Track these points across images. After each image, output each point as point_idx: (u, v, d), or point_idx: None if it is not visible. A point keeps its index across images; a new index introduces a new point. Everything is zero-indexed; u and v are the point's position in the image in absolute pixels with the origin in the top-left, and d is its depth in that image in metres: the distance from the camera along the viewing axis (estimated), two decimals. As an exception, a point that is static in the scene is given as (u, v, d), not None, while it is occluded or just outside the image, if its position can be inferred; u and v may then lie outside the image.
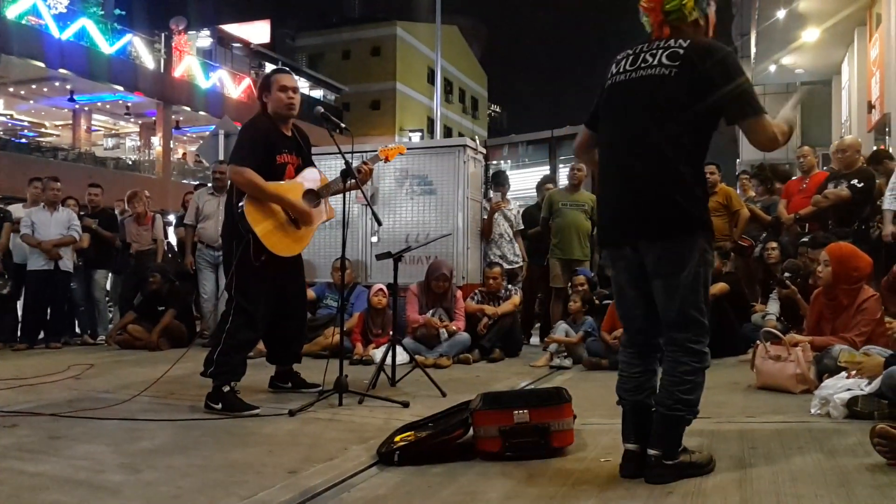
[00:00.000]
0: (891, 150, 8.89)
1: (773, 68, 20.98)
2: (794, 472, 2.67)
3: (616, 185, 2.74)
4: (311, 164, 4.56)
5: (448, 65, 34.45)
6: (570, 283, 6.80)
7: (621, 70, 2.75)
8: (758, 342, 4.50)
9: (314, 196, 4.39)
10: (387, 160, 4.81)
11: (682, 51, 2.58)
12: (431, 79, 22.31)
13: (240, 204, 4.14)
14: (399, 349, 5.07)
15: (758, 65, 21.30)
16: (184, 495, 2.60)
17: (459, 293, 6.54)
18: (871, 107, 16.29)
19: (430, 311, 6.32)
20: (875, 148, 9.80)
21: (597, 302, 6.49)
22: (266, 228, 4.16)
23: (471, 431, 3.15)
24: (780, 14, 16.57)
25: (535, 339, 7.68)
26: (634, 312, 2.81)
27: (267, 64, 29.19)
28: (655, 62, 2.63)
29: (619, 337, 5.55)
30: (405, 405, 4.11)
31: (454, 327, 6.24)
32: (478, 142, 7.49)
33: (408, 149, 7.26)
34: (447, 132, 33.85)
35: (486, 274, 6.81)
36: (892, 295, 4.53)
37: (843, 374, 3.68)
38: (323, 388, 4.34)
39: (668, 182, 2.56)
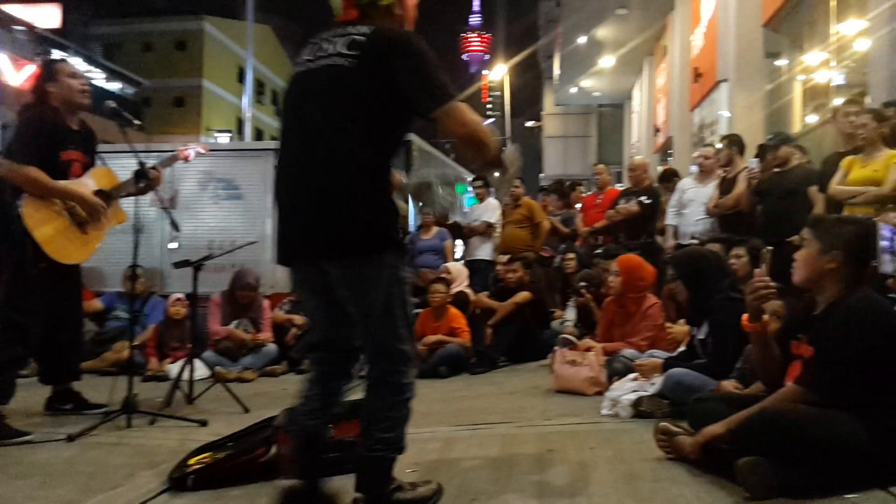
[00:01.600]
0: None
1: (574, 90, 22.54)
2: (587, 471, 2.80)
3: (291, 194, 2.35)
4: (101, 162, 4.15)
5: (260, 65, 33.35)
6: None
7: (301, 60, 2.38)
8: (556, 347, 4.73)
9: (105, 197, 3.98)
10: (186, 160, 4.49)
11: (362, 38, 2.22)
12: (242, 78, 21.43)
13: (17, 204, 3.66)
14: (199, 363, 4.75)
15: (561, 86, 22.82)
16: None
17: (267, 303, 6.29)
18: (657, 130, 18.02)
19: (234, 323, 6.00)
20: (662, 168, 10.78)
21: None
22: (47, 233, 3.72)
23: (274, 449, 2.99)
24: (581, 40, 17.84)
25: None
26: (321, 326, 2.48)
27: (55, 51, 26.57)
28: (333, 51, 2.25)
29: (429, 343, 5.69)
30: (203, 424, 3.85)
31: (260, 338, 5.98)
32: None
33: (213, 150, 6.85)
34: (258, 135, 32.71)
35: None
36: (672, 303, 4.95)
37: (631, 375, 3.95)
38: (109, 409, 3.94)
39: (347, 192, 2.18)
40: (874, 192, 4.35)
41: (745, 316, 2.70)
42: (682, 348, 4.13)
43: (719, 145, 6.47)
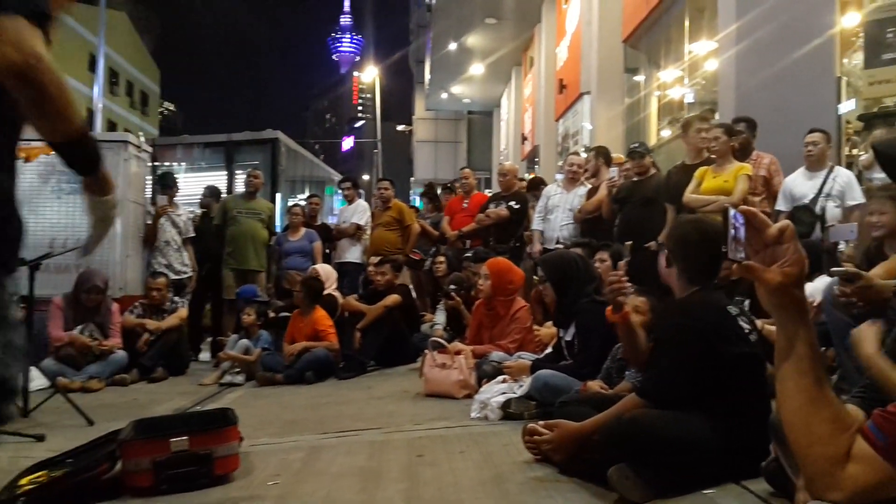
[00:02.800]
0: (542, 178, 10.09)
1: (444, 96, 22.81)
2: (457, 476, 2.75)
3: None
4: None
5: (114, 53, 31.33)
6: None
7: None
8: (426, 351, 4.68)
9: None
10: (27, 160, 4.05)
11: None
12: (93, 66, 20.00)
13: None
14: (36, 372, 4.31)
15: (432, 91, 23.02)
16: None
17: (116, 306, 5.83)
18: (524, 138, 18.56)
19: (79, 328, 5.52)
20: (530, 176, 11.07)
21: (272, 315, 6.28)
22: None
23: (119, 465, 2.74)
24: (452, 47, 18.07)
25: (204, 355, 7.16)
26: None
27: None
28: None
29: (294, 351, 5.48)
30: (39, 439, 3.52)
31: (108, 345, 5.54)
32: (143, 139, 6.82)
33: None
34: (111, 126, 30.68)
35: (148, 285, 6.17)
36: (540, 305, 5.04)
37: (499, 378, 3.96)
38: None
39: None
40: (724, 200, 4.64)
41: (608, 308, 2.81)
42: (549, 350, 4.19)
43: (584, 155, 6.71)
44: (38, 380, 4.45)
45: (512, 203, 7.05)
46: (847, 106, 6.73)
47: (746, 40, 6.55)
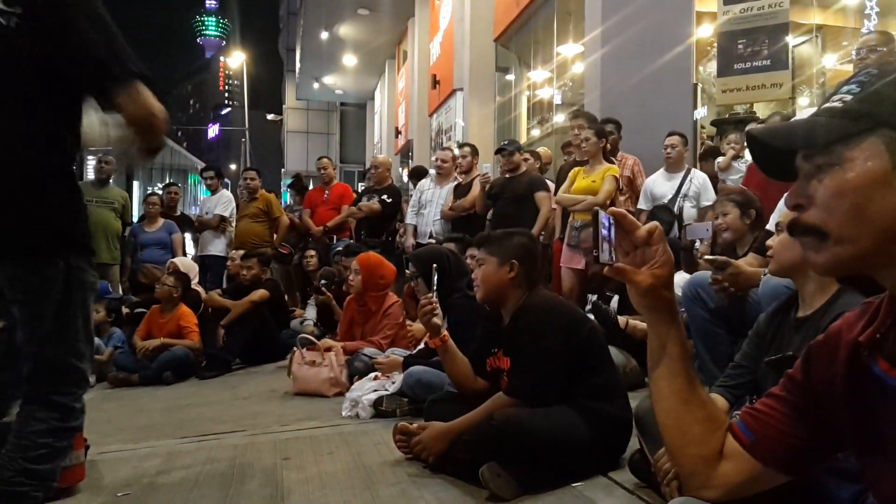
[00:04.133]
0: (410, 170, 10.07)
1: (316, 86, 22.35)
2: (325, 479, 2.65)
3: None
4: None
5: None
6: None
7: None
8: (295, 348, 4.53)
9: None
10: None
11: None
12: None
13: None
14: None
15: (302, 80, 22.50)
16: None
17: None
18: (398, 132, 18.51)
19: None
20: (412, 167, 11.02)
21: (126, 311, 5.88)
22: None
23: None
24: (324, 35, 17.72)
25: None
26: None
27: None
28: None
29: (152, 349, 5.15)
30: None
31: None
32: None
33: None
34: None
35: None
36: (413, 301, 5.00)
37: (371, 375, 3.88)
38: None
39: (9, 179, 1.82)
40: (590, 200, 4.81)
41: (426, 335, 2.80)
42: (421, 346, 4.16)
43: (457, 151, 6.73)
44: None
45: (384, 197, 6.99)
46: (701, 112, 7.17)
47: (610, 45, 6.81)
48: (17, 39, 1.79)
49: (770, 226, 3.17)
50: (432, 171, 7.06)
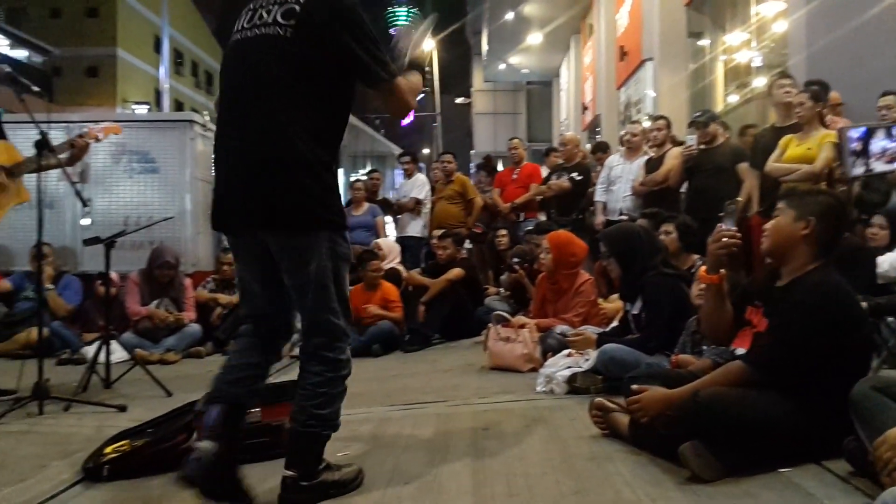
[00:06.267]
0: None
1: (502, 66, 22.51)
2: (523, 450, 2.76)
3: (228, 162, 2.29)
4: (2, 135, 3.86)
5: (178, 34, 31.96)
6: None
7: (239, 28, 2.33)
8: (490, 324, 4.69)
9: (6, 174, 3.70)
10: (97, 140, 4.18)
11: (297, 7, 2.20)
12: (159, 47, 20.48)
13: None
14: (116, 345, 4.51)
15: (489, 62, 22.76)
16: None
17: (188, 281, 6.03)
18: (584, 108, 18.19)
19: (155, 303, 5.74)
20: (596, 141, 10.86)
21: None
22: None
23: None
24: (509, 16, 17.76)
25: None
26: (260, 300, 2.40)
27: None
28: (270, 19, 2.23)
29: (368, 316, 5.56)
30: (122, 409, 3.66)
31: (183, 318, 5.74)
32: (208, 118, 6.97)
33: (127, 122, 6.49)
34: (178, 106, 31.48)
35: (219, 260, 6.36)
36: (604, 279, 4.98)
37: (565, 352, 3.94)
38: (19, 395, 3.68)
39: (284, 166, 2.16)
40: (806, 169, 4.44)
41: (702, 268, 2.69)
42: (615, 324, 4.15)
43: (646, 123, 6.54)
44: (118, 352, 4.64)
45: (574, 174, 6.96)
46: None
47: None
48: (289, 47, 2.18)
49: None
50: (622, 146, 6.90)
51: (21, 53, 29.07)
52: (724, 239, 2.57)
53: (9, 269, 6.25)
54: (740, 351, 2.58)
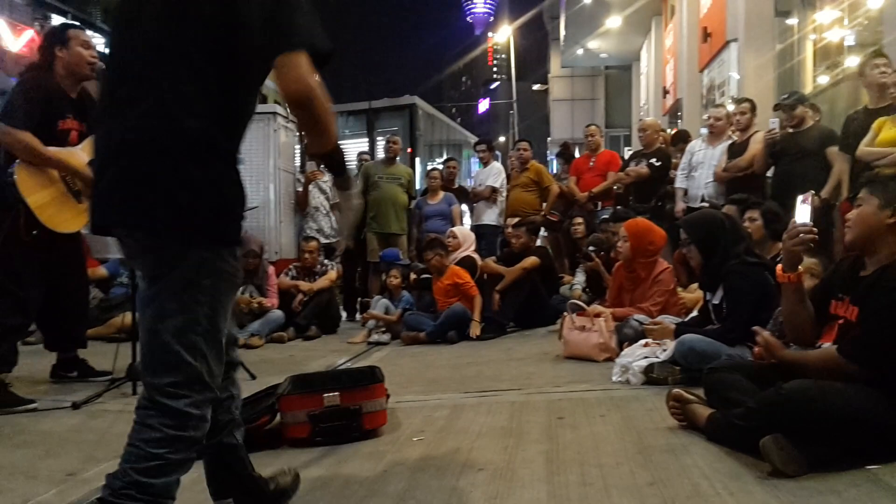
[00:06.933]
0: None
1: (580, 52, 22.15)
2: (597, 440, 2.74)
3: (103, 143, 1.77)
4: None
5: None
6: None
7: None
8: (565, 313, 4.66)
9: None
10: None
11: None
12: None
13: (10, 170, 3.58)
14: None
15: (567, 48, 22.44)
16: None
17: (272, 269, 6.24)
18: (665, 92, 17.71)
19: (240, 289, 5.96)
20: (673, 130, 10.60)
21: (413, 277, 6.46)
22: (41, 200, 3.65)
23: (278, 417, 2.96)
24: (587, 0, 17.47)
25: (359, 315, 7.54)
26: None
27: (54, 16, 26.15)
28: None
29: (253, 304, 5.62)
30: (209, 391, 3.80)
31: (267, 304, 5.95)
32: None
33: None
34: (261, 99, 32.36)
35: (301, 248, 6.55)
36: (684, 267, 4.86)
37: (641, 342, 3.88)
38: (114, 376, 3.91)
39: (161, 147, 1.65)
40: (898, 153, 4.22)
41: (778, 266, 2.60)
42: (694, 313, 4.05)
43: (730, 107, 6.32)
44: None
45: (653, 160, 6.81)
46: None
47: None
48: (183, 3, 1.69)
49: None
50: (703, 131, 6.71)
51: (115, 51, 30.51)
52: (801, 235, 2.48)
53: (105, 257, 6.61)
54: (827, 346, 2.49)
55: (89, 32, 4.18)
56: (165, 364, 1.65)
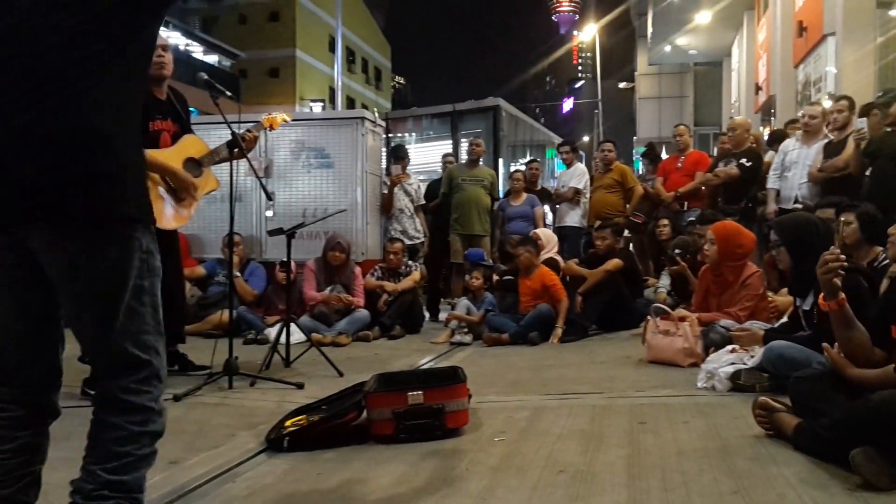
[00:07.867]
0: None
1: (668, 49, 21.67)
2: (680, 446, 2.72)
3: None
4: (190, 130, 4.25)
5: (350, 33, 33.70)
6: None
7: None
8: (649, 317, 4.61)
9: (196, 165, 4.07)
10: (271, 128, 4.56)
11: None
12: (333, 47, 21.73)
13: None
14: (295, 328, 4.90)
15: (654, 45, 21.98)
16: (50, 491, 2.38)
17: (358, 269, 6.42)
18: (758, 88, 17.09)
19: (329, 288, 6.17)
20: (773, 129, 10.24)
21: (496, 278, 6.51)
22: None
23: (364, 414, 3.07)
24: (676, -4, 17.07)
25: (443, 315, 7.64)
26: (11, 343, 1.71)
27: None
28: None
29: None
30: (300, 387, 3.97)
31: (354, 303, 6.13)
32: (377, 114, 7.36)
33: (304, 120, 6.97)
34: (350, 103, 33.18)
35: (386, 249, 6.71)
36: (774, 271, 4.73)
37: (728, 347, 3.80)
38: (212, 371, 4.13)
39: (64, 138, 1.56)
40: None
41: (820, 296, 2.56)
42: (783, 319, 3.94)
43: (827, 103, 6.08)
44: (296, 334, 5.03)
45: (743, 161, 6.62)
46: None
47: None
48: None
49: None
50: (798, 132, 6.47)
51: (212, 58, 31.94)
52: (829, 263, 2.46)
53: (203, 257, 6.95)
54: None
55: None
56: (123, 362, 1.68)
